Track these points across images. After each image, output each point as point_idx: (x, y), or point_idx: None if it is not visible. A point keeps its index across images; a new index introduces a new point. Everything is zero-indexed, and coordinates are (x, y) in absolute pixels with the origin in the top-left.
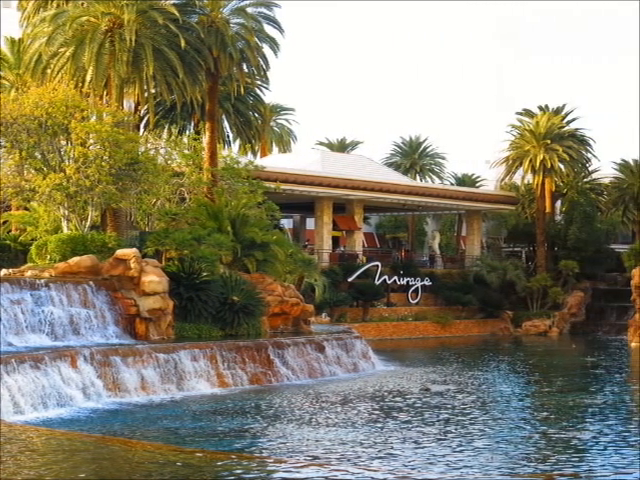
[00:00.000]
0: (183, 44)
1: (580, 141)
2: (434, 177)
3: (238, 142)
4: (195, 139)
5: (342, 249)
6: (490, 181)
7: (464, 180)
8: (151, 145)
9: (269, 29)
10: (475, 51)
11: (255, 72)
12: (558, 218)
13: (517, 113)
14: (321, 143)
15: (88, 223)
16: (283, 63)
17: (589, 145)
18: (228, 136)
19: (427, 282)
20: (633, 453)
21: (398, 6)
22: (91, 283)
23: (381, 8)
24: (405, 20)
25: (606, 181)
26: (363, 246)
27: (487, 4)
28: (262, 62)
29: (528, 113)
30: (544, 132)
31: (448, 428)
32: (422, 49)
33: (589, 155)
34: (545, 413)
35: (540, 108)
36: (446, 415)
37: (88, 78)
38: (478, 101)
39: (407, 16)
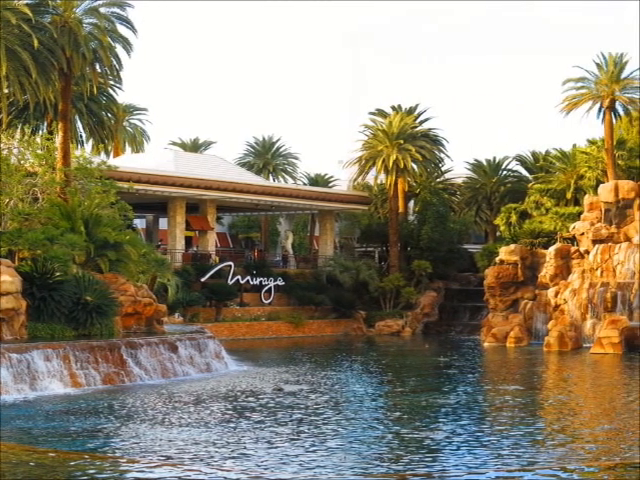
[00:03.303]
0: (36, 44)
1: (433, 141)
2: (287, 177)
3: (91, 142)
4: (48, 139)
5: (195, 249)
6: (343, 181)
7: (317, 180)
8: (4, 145)
9: (122, 29)
10: (329, 51)
11: (108, 72)
12: (411, 218)
13: (370, 113)
14: (174, 143)
15: None
16: (136, 63)
17: (442, 145)
18: (81, 136)
19: (280, 282)
20: (486, 453)
21: (252, 6)
22: None
23: (235, 7)
24: (259, 19)
25: (459, 181)
26: (216, 246)
27: (341, 4)
28: (115, 62)
29: (381, 113)
30: (397, 132)
31: (301, 428)
32: (275, 49)
33: (442, 155)
34: (398, 413)
35: (393, 108)
36: (299, 415)
37: None
38: (331, 101)
39: (261, 15)
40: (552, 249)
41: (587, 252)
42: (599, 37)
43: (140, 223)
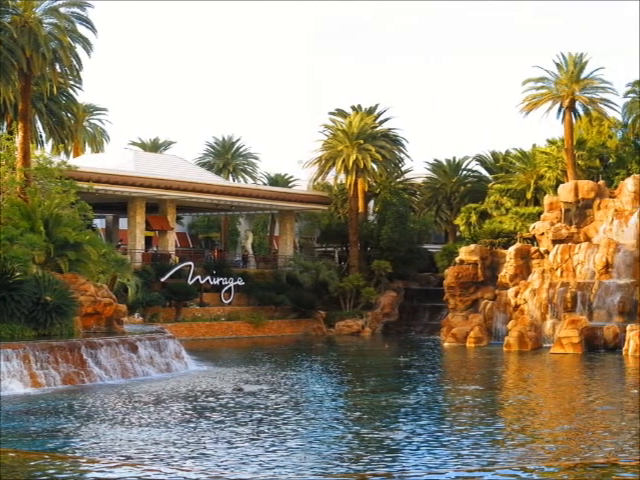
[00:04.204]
0: None
1: (393, 141)
2: (247, 177)
3: (51, 142)
4: (8, 139)
5: (155, 249)
6: (303, 181)
7: (277, 180)
8: None
9: (82, 29)
10: (289, 51)
11: (68, 72)
12: (371, 218)
13: (330, 113)
14: (134, 143)
15: None
16: (96, 63)
17: (402, 145)
18: (41, 136)
19: (240, 282)
20: (446, 453)
21: (211, 5)
22: None
23: (194, 7)
24: (218, 19)
25: (419, 181)
26: (176, 246)
27: (300, 4)
28: (75, 62)
29: (341, 113)
30: (357, 132)
31: (261, 428)
32: (235, 49)
33: (402, 155)
34: (358, 413)
35: (353, 108)
36: (259, 415)
37: None
38: (291, 101)
39: (220, 15)
40: (512, 249)
41: (547, 252)
42: (559, 37)
43: (100, 223)
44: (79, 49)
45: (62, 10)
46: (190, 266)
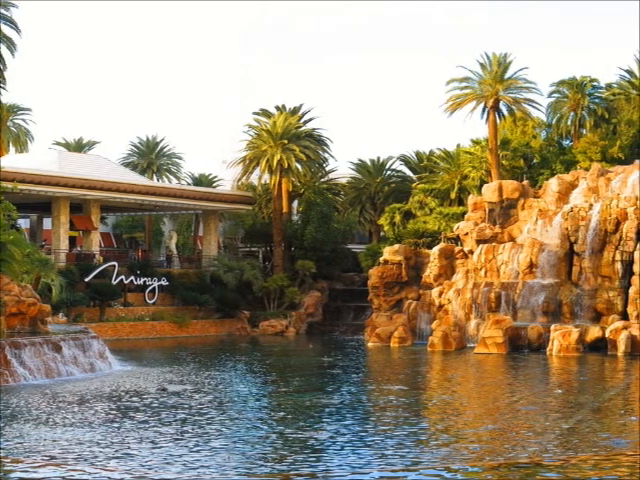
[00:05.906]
0: None
1: (317, 141)
2: (171, 177)
3: None
4: None
5: (79, 249)
6: (227, 181)
7: (201, 180)
8: None
9: (6, 29)
10: (214, 51)
11: None
12: (295, 218)
13: (254, 113)
14: (58, 143)
15: None
16: (20, 62)
17: (326, 145)
18: None
19: (164, 282)
20: (370, 453)
21: (137, 4)
22: None
23: (120, 7)
24: (144, 18)
25: (343, 181)
26: (100, 246)
27: (228, 4)
28: None
29: (265, 113)
30: (281, 132)
31: (185, 428)
32: (160, 47)
33: (326, 155)
34: (282, 413)
35: (277, 108)
36: (183, 415)
37: None
38: (216, 101)
39: (146, 14)
40: (436, 249)
41: (471, 252)
42: (484, 37)
43: (24, 223)
44: (3, 49)
45: None
46: (114, 266)
